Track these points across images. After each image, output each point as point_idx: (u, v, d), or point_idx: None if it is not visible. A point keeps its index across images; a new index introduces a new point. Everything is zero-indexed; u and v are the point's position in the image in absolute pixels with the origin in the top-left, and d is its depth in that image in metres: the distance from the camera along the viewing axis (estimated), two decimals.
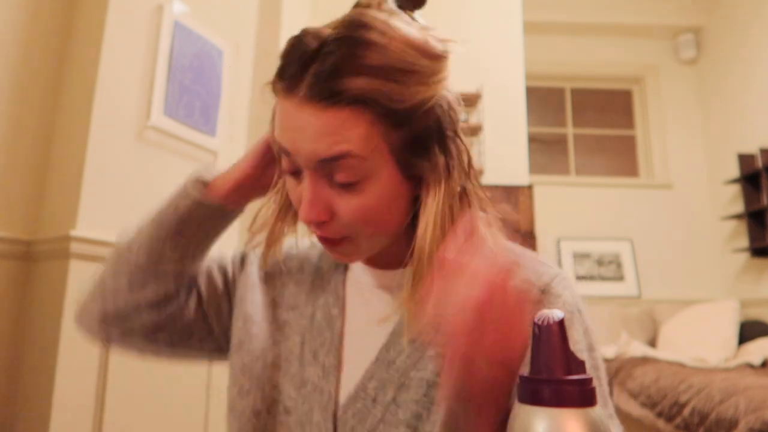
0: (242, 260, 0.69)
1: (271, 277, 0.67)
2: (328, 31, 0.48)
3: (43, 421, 1.40)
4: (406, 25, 0.50)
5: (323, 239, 0.55)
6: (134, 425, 1.58)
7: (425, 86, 0.49)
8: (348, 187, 0.50)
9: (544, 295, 0.54)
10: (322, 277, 0.65)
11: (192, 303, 0.65)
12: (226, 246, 0.69)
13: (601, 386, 0.51)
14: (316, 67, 0.46)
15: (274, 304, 0.65)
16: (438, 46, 0.51)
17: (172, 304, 0.63)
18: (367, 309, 0.61)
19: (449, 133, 0.53)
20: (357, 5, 0.53)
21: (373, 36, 0.47)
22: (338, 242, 0.54)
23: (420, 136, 0.50)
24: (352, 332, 0.60)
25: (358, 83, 0.46)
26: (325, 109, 0.46)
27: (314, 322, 0.62)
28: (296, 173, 0.53)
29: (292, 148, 0.49)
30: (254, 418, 0.59)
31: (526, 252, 0.60)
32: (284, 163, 0.53)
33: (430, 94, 0.49)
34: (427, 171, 0.52)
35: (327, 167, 0.49)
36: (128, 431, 1.55)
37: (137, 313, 0.62)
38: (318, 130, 0.47)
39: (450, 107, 0.52)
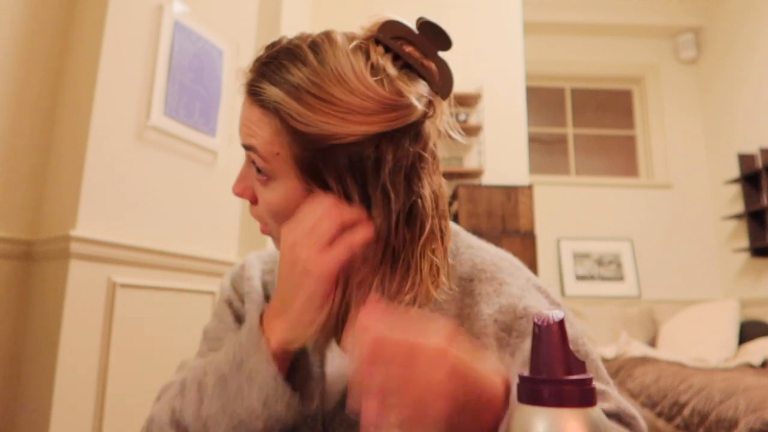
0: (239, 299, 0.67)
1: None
2: (292, 41, 0.53)
3: (43, 421, 1.40)
4: (358, 61, 0.49)
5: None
6: (134, 425, 1.57)
7: (340, 120, 0.48)
8: (263, 179, 0.54)
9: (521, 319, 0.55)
10: None
11: None
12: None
13: (593, 361, 0.54)
14: (258, 67, 0.53)
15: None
16: (388, 95, 0.49)
17: None
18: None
19: (390, 177, 0.50)
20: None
21: (311, 57, 0.50)
22: (265, 231, 0.58)
23: (333, 166, 0.50)
24: (331, 351, 0.59)
25: (272, 91, 0.50)
26: (252, 104, 0.53)
27: None
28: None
29: (240, 130, 0.55)
30: None
31: (508, 262, 0.61)
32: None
33: (346, 130, 0.48)
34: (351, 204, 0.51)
35: (250, 155, 0.54)
36: (128, 431, 1.55)
37: None
38: (245, 119, 0.54)
39: (399, 152, 0.50)
